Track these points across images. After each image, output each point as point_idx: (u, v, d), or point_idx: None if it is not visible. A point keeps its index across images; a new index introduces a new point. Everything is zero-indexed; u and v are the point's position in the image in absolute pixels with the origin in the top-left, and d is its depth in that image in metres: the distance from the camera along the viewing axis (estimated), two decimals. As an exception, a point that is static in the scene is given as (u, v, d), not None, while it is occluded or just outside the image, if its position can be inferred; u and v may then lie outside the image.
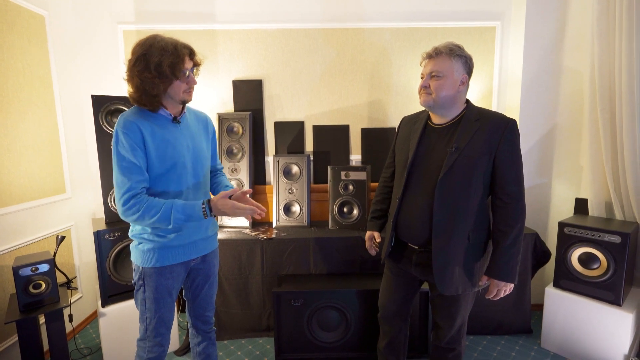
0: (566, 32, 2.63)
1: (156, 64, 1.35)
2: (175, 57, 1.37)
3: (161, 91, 1.40)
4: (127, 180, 1.37)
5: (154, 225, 1.41)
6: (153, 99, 1.41)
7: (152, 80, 1.36)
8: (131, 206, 1.37)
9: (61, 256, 2.49)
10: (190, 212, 1.40)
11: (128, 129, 1.38)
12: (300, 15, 2.77)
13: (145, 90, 1.38)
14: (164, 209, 1.37)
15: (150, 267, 1.49)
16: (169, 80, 1.39)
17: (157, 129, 1.44)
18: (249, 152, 2.70)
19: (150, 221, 1.38)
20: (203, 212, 1.41)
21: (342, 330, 2.28)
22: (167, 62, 1.36)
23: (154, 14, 2.72)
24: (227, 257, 2.44)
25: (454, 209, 1.49)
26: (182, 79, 1.42)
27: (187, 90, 1.47)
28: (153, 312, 1.52)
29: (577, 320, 2.26)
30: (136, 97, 1.42)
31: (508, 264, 1.50)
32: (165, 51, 1.36)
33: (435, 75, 1.50)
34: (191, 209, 1.40)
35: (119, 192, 1.38)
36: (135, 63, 1.37)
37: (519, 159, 1.50)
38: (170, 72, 1.37)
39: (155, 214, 1.37)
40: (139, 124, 1.40)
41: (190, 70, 1.46)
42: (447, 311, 1.65)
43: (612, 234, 2.09)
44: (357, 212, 2.65)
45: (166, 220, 1.38)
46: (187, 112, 1.61)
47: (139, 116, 1.43)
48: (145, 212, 1.37)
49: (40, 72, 2.35)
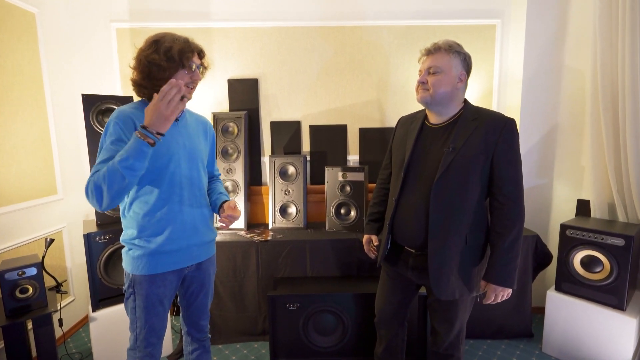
0: (567, 30, 2.58)
1: (167, 48, 1.37)
2: (186, 46, 1.40)
3: (166, 77, 1.37)
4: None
5: (114, 190, 1.24)
6: (156, 82, 1.38)
7: (160, 62, 1.36)
8: (87, 185, 1.27)
9: (53, 258, 2.44)
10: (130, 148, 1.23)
11: (121, 119, 1.34)
12: (297, 13, 2.72)
13: (151, 73, 1.38)
14: (109, 166, 1.24)
15: (140, 275, 1.44)
16: (175, 67, 1.38)
17: None
18: (244, 152, 2.66)
19: (106, 188, 1.23)
20: (141, 137, 1.23)
21: (338, 334, 2.23)
22: (177, 48, 1.37)
23: (148, 12, 2.67)
24: (222, 259, 2.39)
25: (450, 210, 1.46)
26: (188, 71, 1.41)
27: (189, 85, 1.44)
28: (143, 322, 1.47)
29: (580, 325, 2.20)
30: (140, 81, 1.41)
31: (505, 268, 1.45)
32: (177, 40, 1.40)
33: (433, 70, 1.47)
34: (129, 146, 1.24)
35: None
36: (145, 48, 1.39)
37: (518, 159, 1.46)
38: (179, 57, 1.37)
39: (105, 176, 1.23)
40: (133, 116, 1.36)
41: (197, 67, 1.44)
42: (445, 316, 1.61)
43: (615, 236, 2.04)
44: (355, 213, 2.60)
45: (116, 174, 1.22)
46: (189, 114, 1.59)
47: (136, 110, 1.40)
48: (98, 182, 1.24)
49: (30, 71, 2.30)
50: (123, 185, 1.25)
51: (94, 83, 2.69)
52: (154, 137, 1.24)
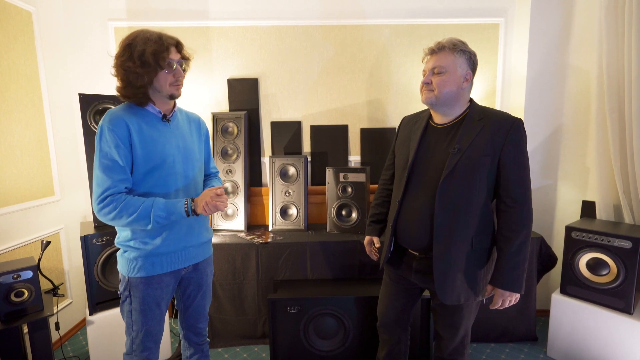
0: (572, 29, 2.54)
1: (140, 53, 1.31)
2: (158, 46, 1.33)
3: (146, 82, 1.34)
4: (108, 178, 1.30)
5: (133, 226, 1.35)
6: (138, 90, 1.35)
7: (135, 69, 1.32)
8: (107, 204, 1.30)
9: (50, 261, 2.41)
10: (172, 209, 1.34)
11: (114, 124, 1.32)
12: (297, 11, 2.68)
13: (130, 82, 1.34)
14: (143, 207, 1.31)
15: (136, 277, 1.41)
16: (153, 70, 1.34)
17: (145, 126, 1.38)
18: (244, 153, 2.62)
19: (128, 220, 1.30)
20: (185, 208, 1.35)
21: (340, 338, 2.20)
22: (150, 51, 1.31)
23: (146, 11, 2.63)
24: (221, 261, 2.36)
25: (456, 213, 1.42)
26: (169, 70, 1.37)
27: (174, 83, 1.40)
28: (140, 325, 1.44)
29: (585, 329, 2.16)
30: (122, 90, 1.37)
31: (513, 272, 1.42)
32: (149, 40, 1.33)
33: (438, 70, 1.43)
34: (173, 206, 1.34)
35: (97, 191, 1.31)
36: (120, 54, 1.35)
37: (526, 161, 1.43)
38: (154, 60, 1.32)
39: (134, 212, 1.30)
40: (126, 119, 1.34)
41: (178, 63, 1.39)
42: (449, 321, 1.58)
43: (622, 238, 2.00)
44: (356, 215, 2.56)
45: (145, 219, 1.31)
46: (179, 112, 1.55)
47: (127, 112, 1.37)
48: (123, 210, 1.30)
49: (27, 70, 2.27)
50: (142, 225, 1.33)
51: (92, 83, 2.65)
52: (192, 213, 1.37)
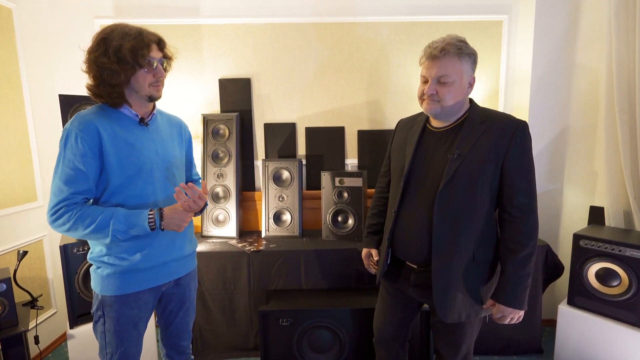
0: (579, 26, 2.43)
1: (115, 48, 1.18)
2: (138, 42, 1.20)
3: (122, 81, 1.22)
4: (67, 189, 1.19)
5: (91, 239, 1.23)
6: (112, 89, 1.23)
7: (110, 66, 1.19)
8: (61, 214, 1.18)
9: (32, 269, 2.31)
10: (134, 220, 1.21)
11: (83, 129, 1.20)
12: (291, 8, 2.57)
13: (104, 79, 1.21)
14: (102, 218, 1.18)
15: (110, 296, 1.29)
16: (131, 69, 1.21)
17: (120, 131, 1.26)
18: (236, 156, 2.51)
19: (85, 232, 1.18)
20: (150, 222, 1.22)
21: (335, 352, 2.09)
22: (127, 46, 1.18)
23: (134, 8, 2.52)
24: (211, 270, 2.25)
25: (456, 223, 1.31)
26: (148, 69, 1.24)
27: (154, 84, 1.28)
28: (114, 347, 1.32)
29: (594, 342, 2.05)
30: (94, 88, 1.24)
31: (516, 288, 1.31)
32: (127, 35, 1.20)
33: (444, 80, 1.29)
34: (135, 217, 1.21)
35: (53, 200, 1.19)
36: (93, 49, 1.21)
37: (531, 167, 1.31)
38: (132, 57, 1.20)
39: (91, 224, 1.18)
40: (97, 124, 1.22)
41: (159, 62, 1.28)
42: (450, 339, 1.47)
43: (634, 248, 1.88)
44: (353, 221, 2.45)
45: (103, 231, 1.19)
46: (160, 115, 1.43)
47: (99, 115, 1.25)
48: (78, 221, 1.18)
49: (7, 70, 2.17)
50: (100, 239, 1.22)
51: (77, 83, 2.53)
52: (158, 226, 1.25)
